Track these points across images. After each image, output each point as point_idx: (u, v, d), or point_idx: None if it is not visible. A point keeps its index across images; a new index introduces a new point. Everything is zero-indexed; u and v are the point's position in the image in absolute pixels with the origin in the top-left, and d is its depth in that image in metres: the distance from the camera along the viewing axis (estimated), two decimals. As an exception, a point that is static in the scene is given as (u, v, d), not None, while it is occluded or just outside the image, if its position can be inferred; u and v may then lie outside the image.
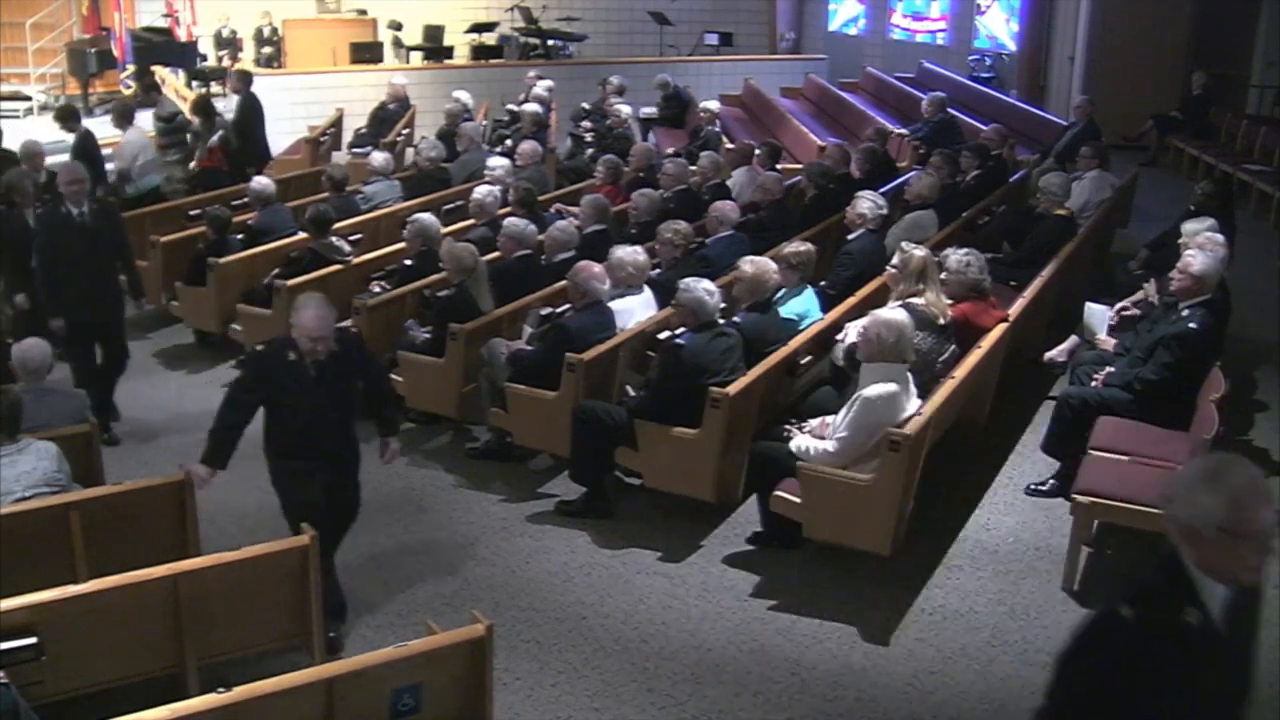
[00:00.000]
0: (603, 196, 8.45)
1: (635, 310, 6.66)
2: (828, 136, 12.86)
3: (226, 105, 12.47)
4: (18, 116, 14.93)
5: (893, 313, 5.44)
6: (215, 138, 10.85)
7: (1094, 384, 6.18)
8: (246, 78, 12.03)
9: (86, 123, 12.09)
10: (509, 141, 11.87)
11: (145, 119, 11.35)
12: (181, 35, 16.35)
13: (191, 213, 9.43)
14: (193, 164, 10.92)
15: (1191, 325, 5.87)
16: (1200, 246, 6.54)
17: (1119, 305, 7.26)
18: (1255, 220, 11.55)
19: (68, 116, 10.23)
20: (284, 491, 4.97)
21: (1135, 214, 10.89)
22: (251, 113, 11.61)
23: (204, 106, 11.28)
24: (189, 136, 11.10)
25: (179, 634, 4.26)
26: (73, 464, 5.04)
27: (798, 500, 5.28)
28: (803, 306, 6.68)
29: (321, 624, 4.58)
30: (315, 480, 4.87)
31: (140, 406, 7.52)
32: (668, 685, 4.72)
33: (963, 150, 10.26)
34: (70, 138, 10.00)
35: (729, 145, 11.78)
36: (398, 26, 18.31)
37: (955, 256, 6.45)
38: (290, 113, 14.87)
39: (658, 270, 7.13)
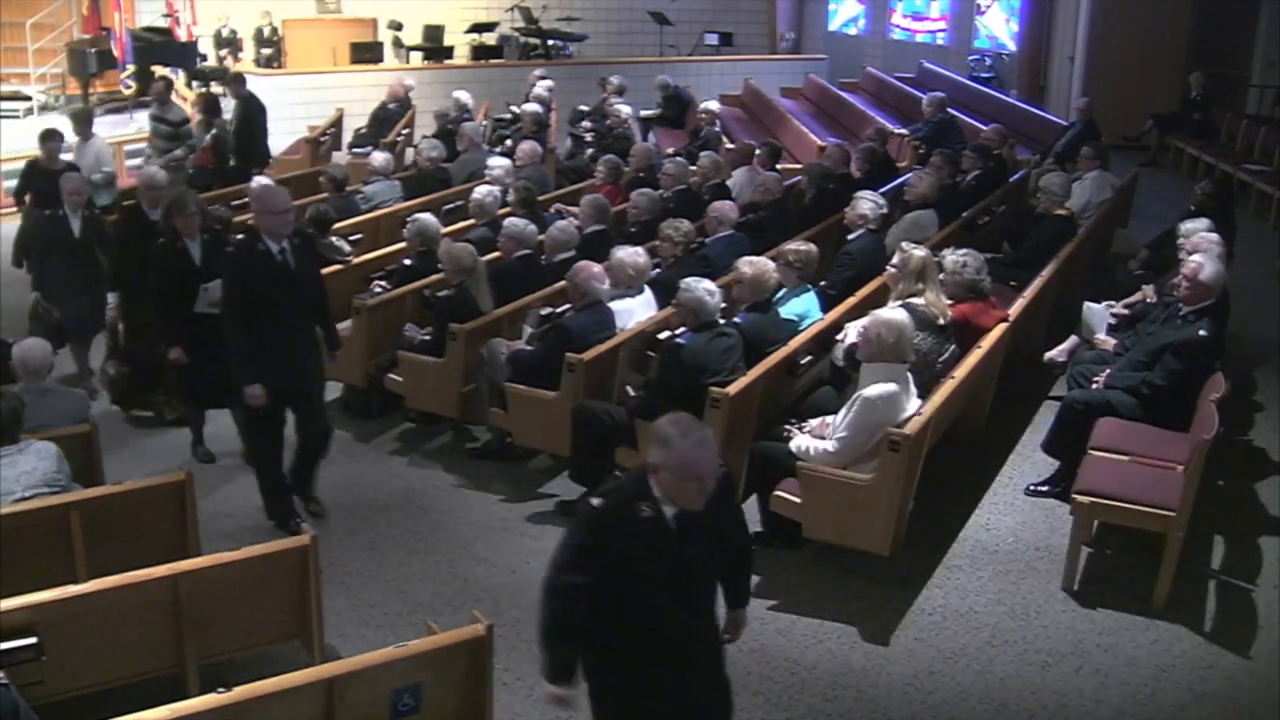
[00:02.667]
0: (603, 196, 8.44)
1: (635, 310, 6.66)
2: (828, 136, 12.87)
3: (226, 107, 12.46)
4: (18, 116, 14.94)
5: (893, 313, 5.44)
6: (209, 136, 10.82)
7: (1094, 386, 6.18)
8: (241, 79, 12.05)
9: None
10: (509, 141, 11.87)
11: (139, 118, 11.36)
12: (181, 35, 16.35)
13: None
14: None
15: (1202, 333, 5.87)
16: (1197, 247, 6.54)
17: (1117, 306, 7.28)
18: (1255, 220, 11.56)
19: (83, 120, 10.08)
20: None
21: (1135, 214, 10.89)
22: (254, 113, 11.60)
23: (209, 104, 11.28)
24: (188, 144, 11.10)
25: (179, 634, 4.26)
26: (73, 464, 5.04)
27: (798, 500, 5.28)
28: (803, 307, 6.68)
29: (321, 624, 4.58)
30: (672, 697, 3.44)
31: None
32: (668, 685, 4.71)
33: (964, 150, 10.26)
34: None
35: (729, 145, 11.78)
36: (398, 26, 18.30)
37: (952, 257, 6.45)
38: (290, 113, 14.87)
39: (658, 269, 7.13)
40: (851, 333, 5.90)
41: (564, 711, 3.47)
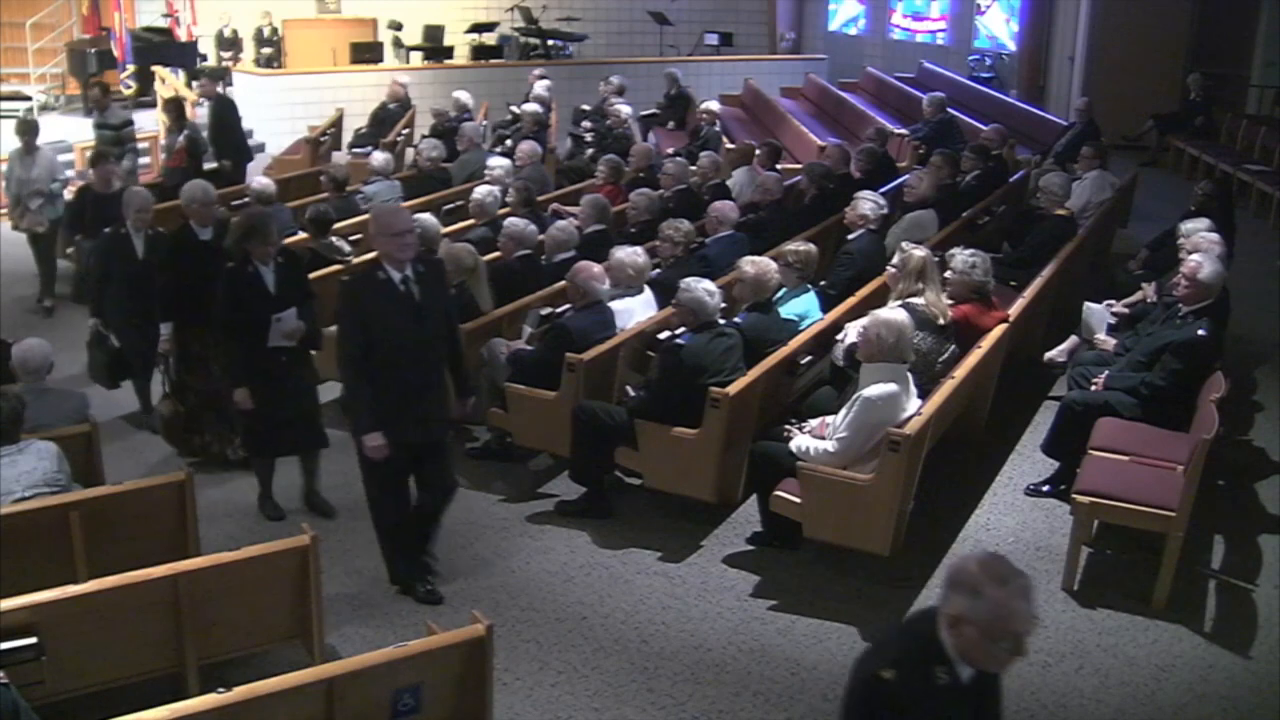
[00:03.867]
0: (602, 196, 8.45)
1: (635, 310, 6.66)
2: (828, 136, 12.87)
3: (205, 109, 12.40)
4: (18, 116, 14.92)
5: (893, 313, 5.44)
6: (180, 138, 10.65)
7: (1094, 387, 6.18)
8: (216, 79, 11.96)
9: (86, 123, 12.02)
10: (509, 141, 11.87)
11: (140, 118, 11.21)
12: (181, 35, 16.37)
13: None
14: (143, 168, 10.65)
15: (1201, 333, 5.86)
16: (1197, 247, 6.54)
17: (1117, 305, 7.28)
18: (1255, 220, 11.56)
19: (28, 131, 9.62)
20: None
21: (1135, 214, 10.90)
22: (227, 113, 11.46)
23: (174, 106, 11.12)
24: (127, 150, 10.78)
25: (179, 634, 4.26)
26: (73, 464, 5.04)
27: (798, 500, 5.28)
28: (803, 307, 6.68)
29: (321, 624, 4.58)
30: None
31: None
32: (668, 685, 4.72)
33: (964, 150, 10.26)
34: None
35: (729, 145, 11.77)
36: (398, 26, 18.32)
37: (961, 257, 6.43)
38: (290, 113, 14.89)
39: (658, 269, 7.13)
40: (851, 333, 5.90)
41: None
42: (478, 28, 18.24)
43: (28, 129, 9.43)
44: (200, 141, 10.96)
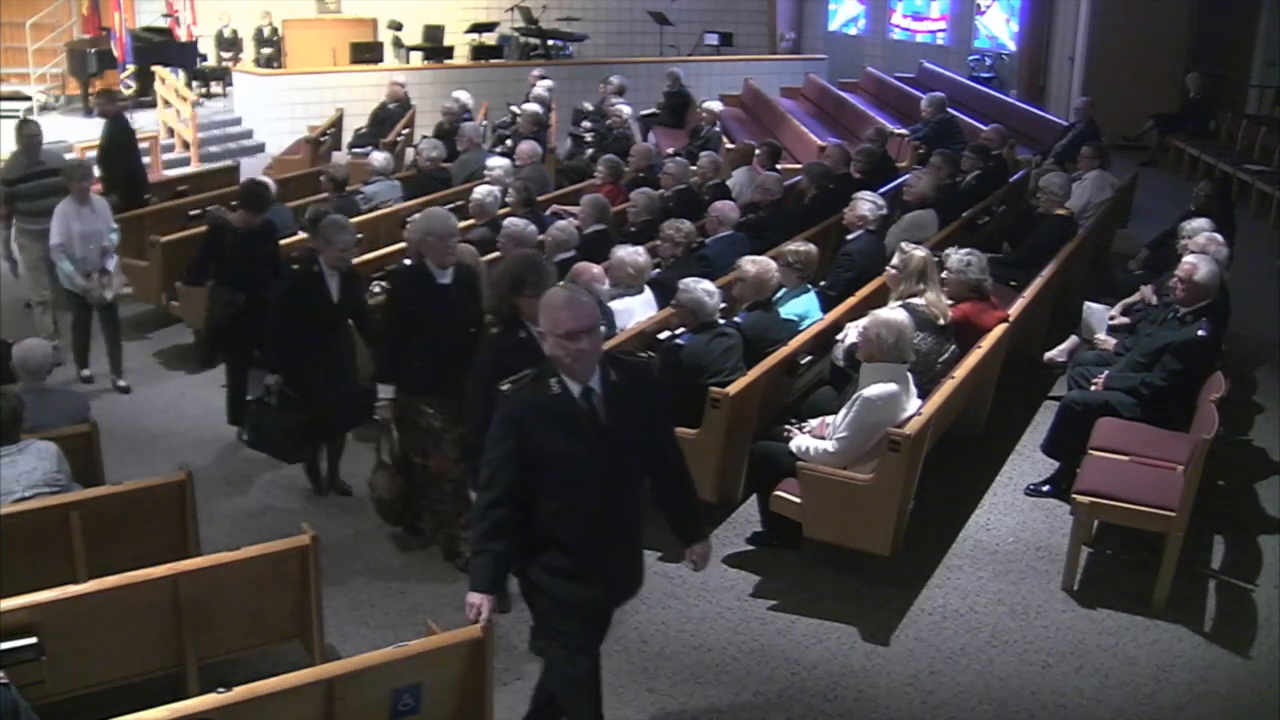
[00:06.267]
0: (602, 196, 8.44)
1: (635, 310, 6.65)
2: (828, 136, 12.87)
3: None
4: (18, 116, 14.93)
5: (893, 313, 5.44)
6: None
7: (1094, 387, 6.18)
8: (112, 98, 10.58)
9: (86, 124, 11.88)
10: (509, 141, 11.87)
11: (139, 118, 10.83)
12: (181, 35, 16.38)
13: (191, 213, 9.42)
14: None
15: (1201, 333, 5.87)
16: (1200, 248, 6.54)
17: (1118, 307, 7.28)
18: (1255, 220, 11.56)
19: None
20: None
21: (1135, 214, 10.90)
22: (123, 134, 10.05)
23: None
24: None
25: (179, 634, 4.26)
26: (73, 464, 5.04)
27: (798, 500, 5.28)
28: (803, 307, 6.68)
29: (321, 624, 4.58)
30: None
31: (140, 406, 7.53)
32: (668, 685, 4.72)
33: (964, 150, 10.26)
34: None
35: (729, 145, 11.76)
36: (398, 26, 18.32)
37: (956, 256, 6.44)
38: (290, 113, 14.91)
39: (658, 269, 7.13)
40: (851, 333, 5.90)
41: None
42: (478, 28, 18.25)
43: (82, 171, 7.80)
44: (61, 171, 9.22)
